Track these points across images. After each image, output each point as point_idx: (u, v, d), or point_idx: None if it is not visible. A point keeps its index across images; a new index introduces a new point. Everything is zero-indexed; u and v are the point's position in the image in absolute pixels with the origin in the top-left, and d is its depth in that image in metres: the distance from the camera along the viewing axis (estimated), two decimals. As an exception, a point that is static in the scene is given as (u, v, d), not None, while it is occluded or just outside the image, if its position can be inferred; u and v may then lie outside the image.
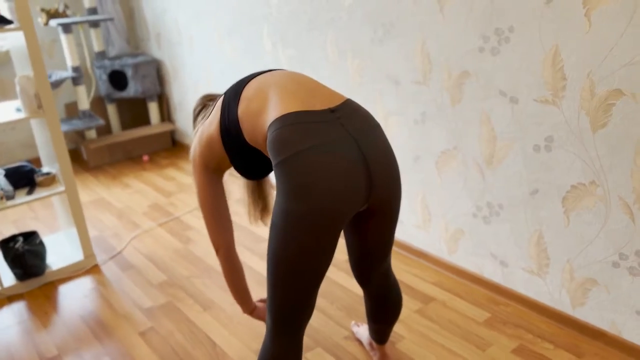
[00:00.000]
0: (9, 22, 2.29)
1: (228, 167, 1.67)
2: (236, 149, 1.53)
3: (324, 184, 1.28)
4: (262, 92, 1.46)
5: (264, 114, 1.42)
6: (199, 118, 1.78)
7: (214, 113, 1.59)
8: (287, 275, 1.37)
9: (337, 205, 1.30)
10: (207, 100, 1.81)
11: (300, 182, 1.28)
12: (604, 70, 1.69)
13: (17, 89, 2.39)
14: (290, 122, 1.34)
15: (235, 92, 1.52)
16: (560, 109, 1.84)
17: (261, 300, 1.92)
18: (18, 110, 2.53)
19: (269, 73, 1.53)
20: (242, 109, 1.47)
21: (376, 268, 1.63)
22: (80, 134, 4.37)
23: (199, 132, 1.65)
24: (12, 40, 2.57)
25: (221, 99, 1.58)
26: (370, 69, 2.52)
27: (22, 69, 2.56)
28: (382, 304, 1.73)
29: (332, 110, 1.38)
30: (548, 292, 2.11)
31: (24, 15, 2.28)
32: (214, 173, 1.66)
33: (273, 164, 1.36)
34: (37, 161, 4.26)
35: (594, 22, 1.67)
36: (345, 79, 2.68)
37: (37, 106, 2.42)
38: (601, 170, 1.80)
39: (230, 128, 1.51)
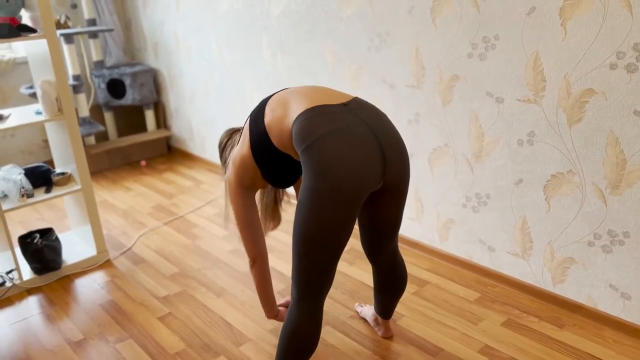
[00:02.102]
0: (34, 30, 2.46)
1: (260, 182, 1.88)
2: (266, 158, 1.75)
3: (345, 163, 1.50)
4: (283, 101, 1.71)
5: (287, 115, 1.67)
6: (227, 148, 2.04)
7: (243, 137, 1.83)
8: (312, 246, 1.58)
9: (356, 182, 1.52)
10: (232, 132, 2.07)
11: (324, 163, 1.50)
12: (579, 72, 1.95)
13: (39, 93, 2.56)
14: (310, 115, 1.58)
15: (259, 110, 1.77)
16: (541, 107, 2.10)
17: (282, 305, 2.19)
18: (38, 113, 2.69)
19: (286, 89, 1.79)
20: (268, 118, 1.72)
21: (386, 245, 1.85)
22: (78, 141, 4.50)
23: (232, 156, 1.89)
24: (29, 48, 2.74)
25: (247, 121, 1.82)
26: (367, 75, 2.75)
27: (40, 75, 2.72)
28: (390, 277, 1.95)
29: (344, 104, 1.62)
30: (532, 272, 2.35)
31: (48, 24, 2.46)
32: (248, 191, 1.89)
33: (299, 152, 1.57)
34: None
35: (569, 30, 1.93)
36: (343, 84, 2.91)
37: (57, 109, 2.59)
38: (577, 160, 2.05)
39: (259, 140, 1.73)
